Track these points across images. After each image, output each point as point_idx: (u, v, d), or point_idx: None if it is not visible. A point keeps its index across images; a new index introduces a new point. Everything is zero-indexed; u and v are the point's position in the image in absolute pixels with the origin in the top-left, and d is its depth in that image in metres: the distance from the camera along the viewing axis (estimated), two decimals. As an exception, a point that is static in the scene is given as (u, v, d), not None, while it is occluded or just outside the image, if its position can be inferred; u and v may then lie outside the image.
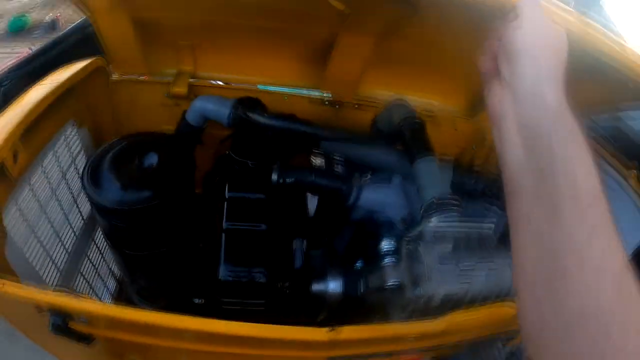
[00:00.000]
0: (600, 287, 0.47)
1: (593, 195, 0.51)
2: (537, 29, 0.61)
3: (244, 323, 0.97)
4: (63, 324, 1.00)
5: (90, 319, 1.02)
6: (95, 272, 1.90)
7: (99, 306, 1.00)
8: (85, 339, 1.05)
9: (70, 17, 5.20)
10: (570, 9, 0.88)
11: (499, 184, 1.62)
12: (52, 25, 5.48)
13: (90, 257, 1.83)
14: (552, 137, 0.53)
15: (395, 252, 1.19)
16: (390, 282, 1.16)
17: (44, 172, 1.51)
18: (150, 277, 1.26)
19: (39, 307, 1.00)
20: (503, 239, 1.32)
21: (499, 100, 0.61)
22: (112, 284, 2.07)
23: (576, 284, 0.48)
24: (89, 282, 1.82)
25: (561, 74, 0.58)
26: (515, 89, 0.58)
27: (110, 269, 2.05)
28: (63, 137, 1.61)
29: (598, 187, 0.51)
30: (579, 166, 0.52)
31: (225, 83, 1.90)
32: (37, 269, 1.48)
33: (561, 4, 0.86)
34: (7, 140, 1.23)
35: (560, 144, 0.52)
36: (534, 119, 0.55)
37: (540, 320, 0.51)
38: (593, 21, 0.91)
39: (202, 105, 1.65)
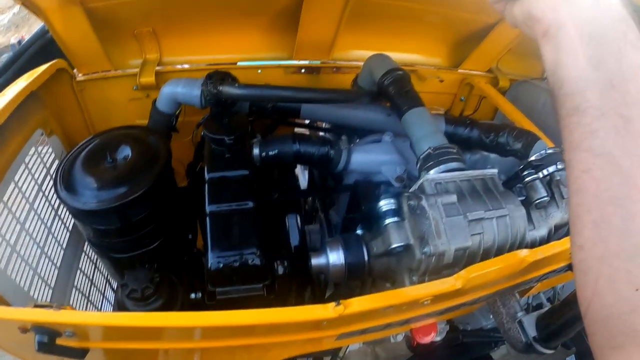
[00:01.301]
0: None
1: None
2: None
3: (233, 311, 0.87)
4: (49, 341, 0.91)
5: (76, 331, 0.93)
6: (91, 284, 1.82)
7: (81, 315, 0.90)
8: (76, 354, 0.96)
9: (36, 35, 5.16)
10: None
11: (494, 130, 1.55)
12: (19, 45, 5.42)
13: (82, 269, 1.76)
14: (621, 42, 0.49)
15: (397, 210, 1.09)
16: (396, 243, 1.06)
17: (17, 187, 1.43)
18: (139, 278, 1.16)
19: (22, 328, 0.92)
20: (508, 185, 1.24)
21: (552, 9, 0.53)
22: (110, 294, 2.00)
23: None
24: (85, 295, 1.75)
25: None
26: None
27: (107, 278, 1.99)
28: (33, 149, 1.52)
29: None
30: None
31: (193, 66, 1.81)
32: (25, 289, 1.41)
33: None
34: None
35: (629, 49, 0.48)
36: (600, 26, 0.50)
37: (604, 246, 0.47)
38: None
39: (171, 90, 1.56)
